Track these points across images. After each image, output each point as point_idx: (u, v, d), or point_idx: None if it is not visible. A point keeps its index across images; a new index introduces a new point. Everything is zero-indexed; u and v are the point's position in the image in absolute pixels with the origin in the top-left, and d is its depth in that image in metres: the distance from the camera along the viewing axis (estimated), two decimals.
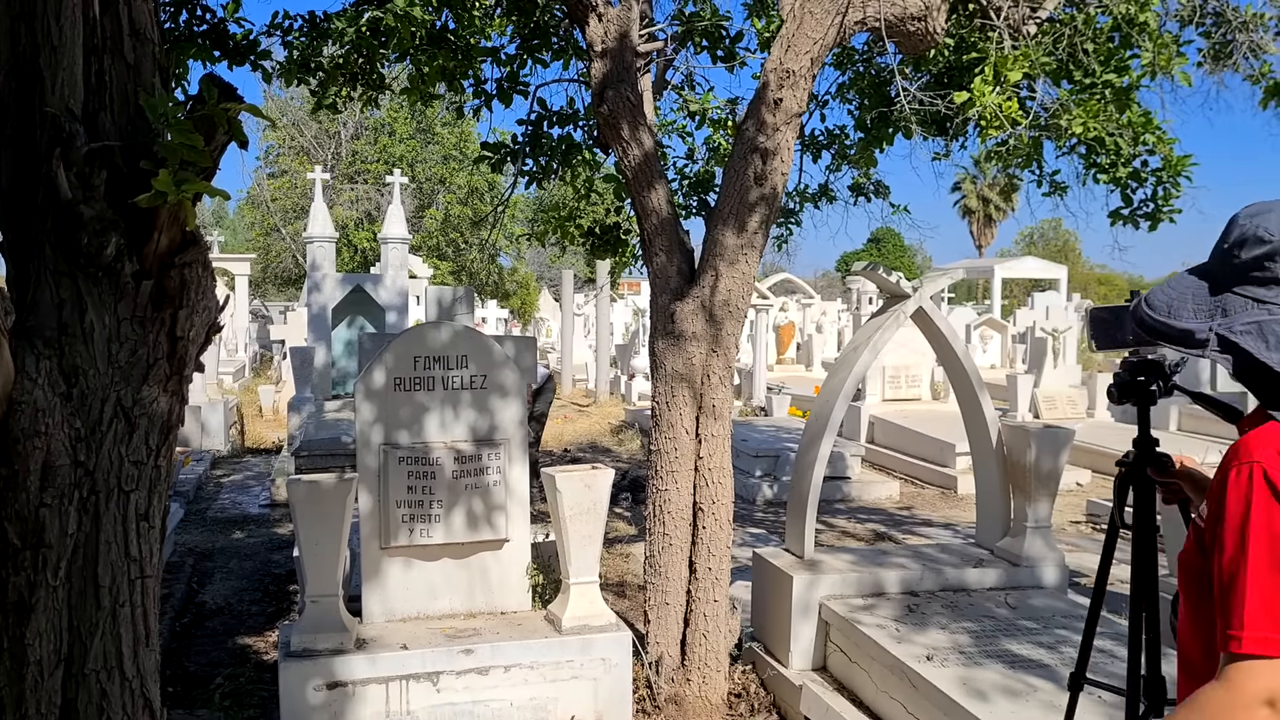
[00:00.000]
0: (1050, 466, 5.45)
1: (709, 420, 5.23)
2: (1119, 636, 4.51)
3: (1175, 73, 5.36)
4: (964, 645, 4.61)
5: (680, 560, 5.24)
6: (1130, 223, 6.11)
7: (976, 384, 5.64)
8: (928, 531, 9.38)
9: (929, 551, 5.77)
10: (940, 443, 11.98)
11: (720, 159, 7.48)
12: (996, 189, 59.90)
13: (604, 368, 20.41)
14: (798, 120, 5.30)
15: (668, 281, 5.29)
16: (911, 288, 5.50)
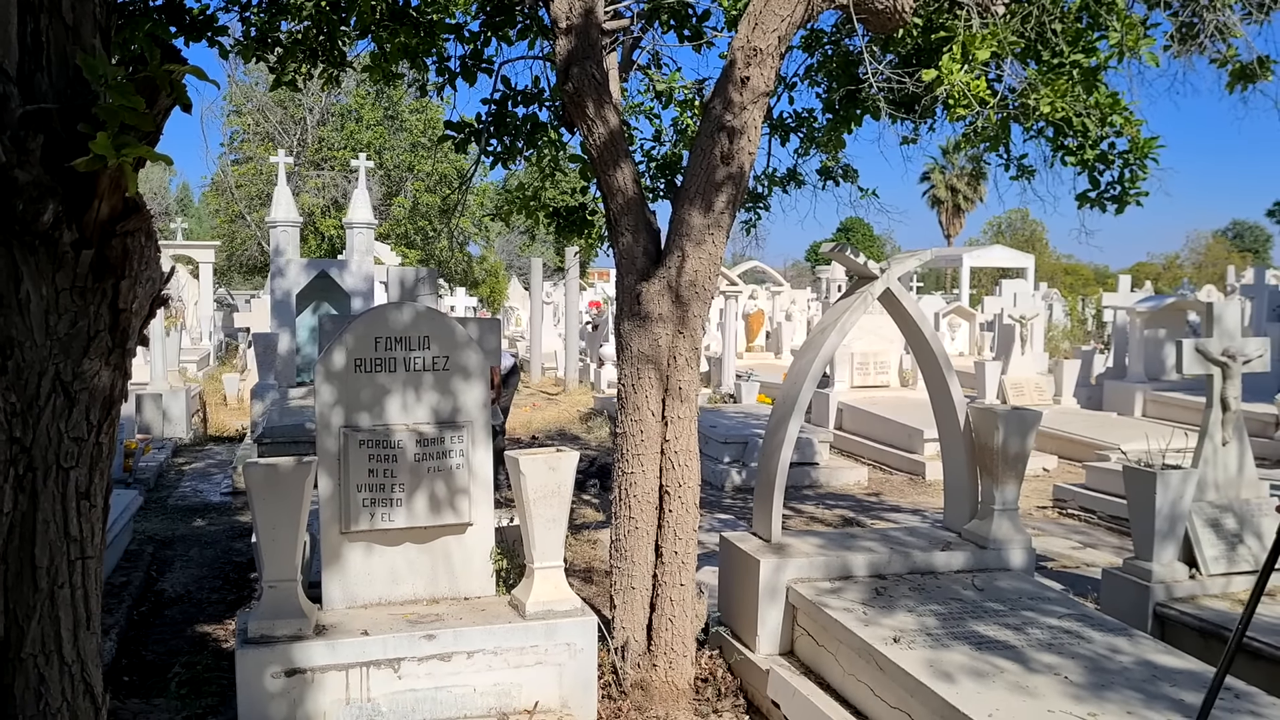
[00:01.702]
0: (1018, 449, 5.43)
1: (675, 402, 5.17)
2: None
3: (1143, 54, 5.33)
4: (931, 627, 4.58)
5: (646, 544, 5.19)
6: (1098, 205, 6.10)
7: (945, 366, 5.61)
8: (896, 517, 9.38)
9: (897, 535, 5.75)
10: (908, 429, 11.99)
11: (688, 141, 7.42)
12: (964, 179, 60.31)
13: (573, 355, 20.33)
14: (765, 99, 5.24)
15: (634, 262, 5.23)
16: (879, 269, 5.46)
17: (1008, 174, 7.16)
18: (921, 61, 5.37)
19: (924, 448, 11.82)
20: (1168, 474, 5.69)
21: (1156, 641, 4.57)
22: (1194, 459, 6.14)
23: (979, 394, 14.58)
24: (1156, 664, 4.24)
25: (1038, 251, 49.36)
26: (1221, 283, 35.42)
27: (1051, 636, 4.50)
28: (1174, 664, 4.26)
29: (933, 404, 5.84)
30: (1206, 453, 6.12)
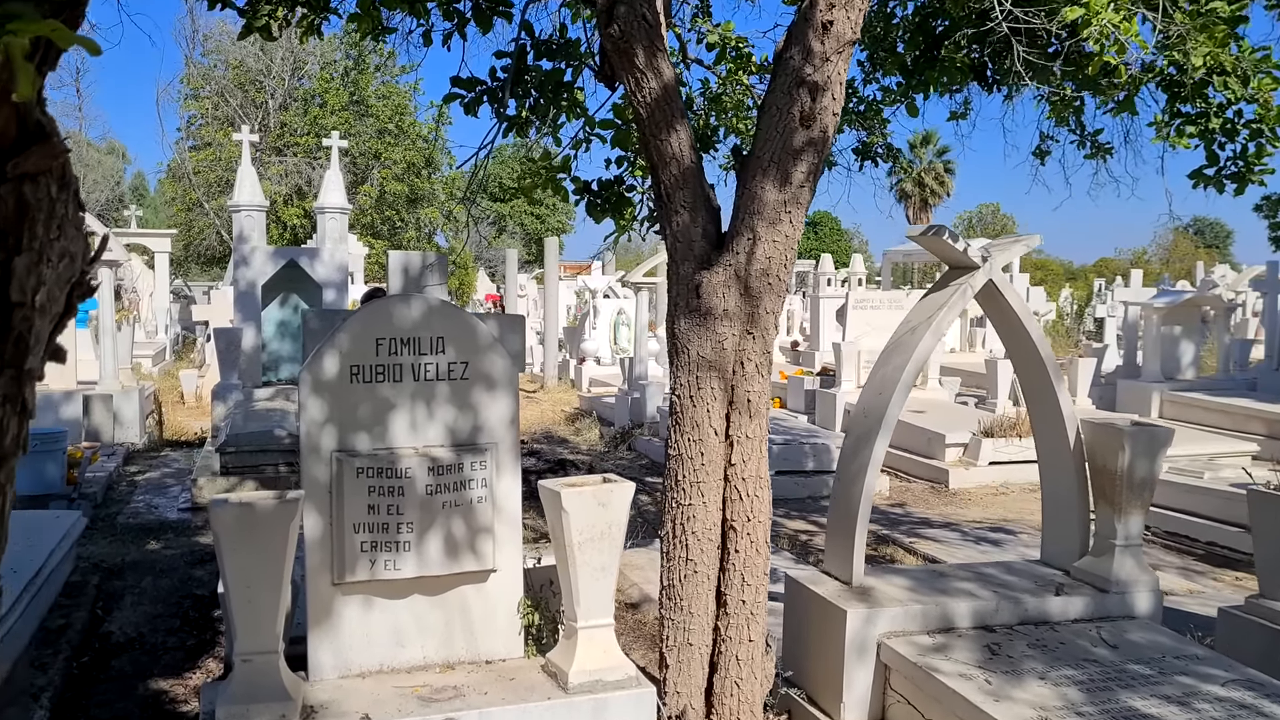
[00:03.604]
0: (1145, 472, 4.54)
1: (742, 418, 4.23)
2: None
3: None
4: (1076, 703, 3.68)
5: (706, 591, 4.24)
6: (1215, 185, 5.22)
7: (1053, 374, 4.71)
8: (932, 533, 8.50)
9: (994, 574, 4.83)
10: (928, 433, 11.13)
11: (722, 109, 6.48)
12: (933, 174, 59.77)
13: (552, 351, 19.34)
14: (850, 49, 4.30)
15: (691, 246, 4.27)
16: (980, 256, 4.54)
17: (1081, 152, 6.30)
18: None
19: (945, 453, 10.97)
20: None
21: None
22: None
23: (990, 394, 13.76)
24: None
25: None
26: (1191, 278, 35.03)
27: (1227, 714, 3.61)
28: None
29: (1032, 417, 4.94)
30: None
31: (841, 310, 17.72)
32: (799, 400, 14.15)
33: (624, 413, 13.26)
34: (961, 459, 10.97)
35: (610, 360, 18.74)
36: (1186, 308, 15.01)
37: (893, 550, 7.74)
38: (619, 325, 19.21)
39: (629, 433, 12.56)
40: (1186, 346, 14.90)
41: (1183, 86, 4.99)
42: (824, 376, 14.94)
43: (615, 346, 19.02)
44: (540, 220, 49.11)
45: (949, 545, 7.94)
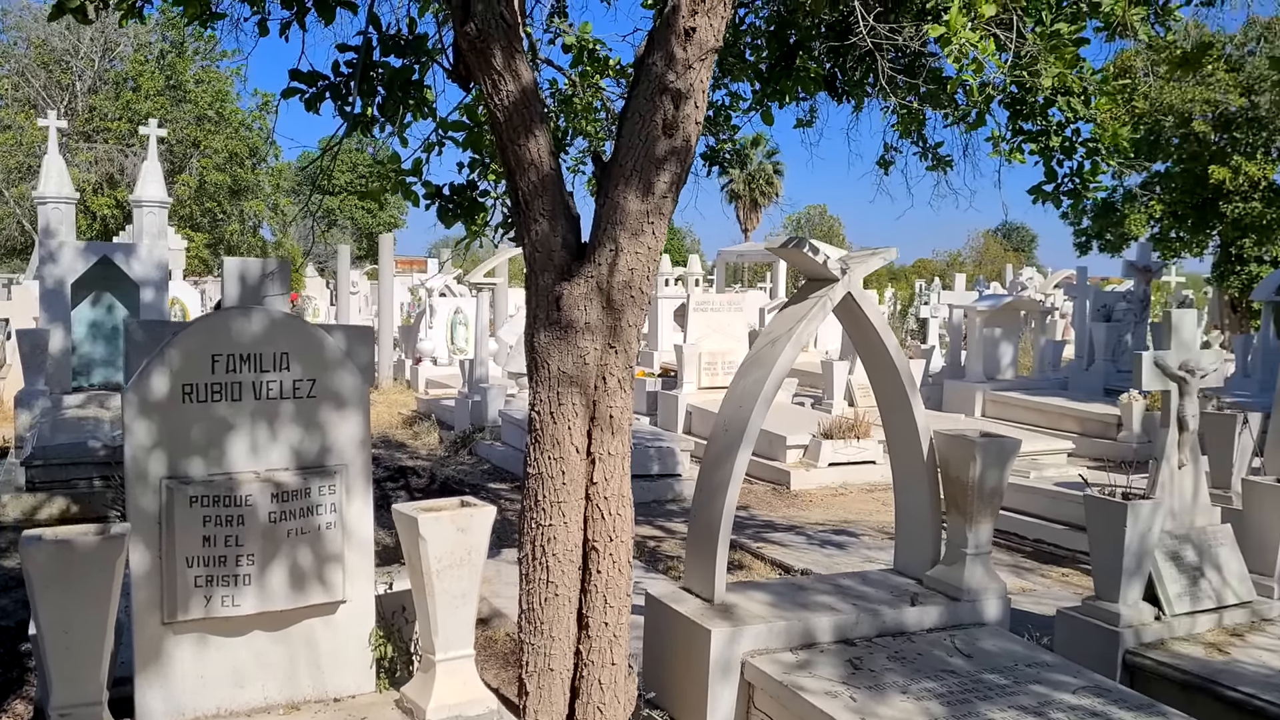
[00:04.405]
0: (995, 482, 4.65)
1: (605, 434, 4.10)
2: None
3: (1134, 24, 4.62)
4: (939, 716, 3.70)
5: (568, 614, 4.09)
6: (1053, 200, 5.41)
7: (908, 385, 4.76)
8: (778, 537, 8.58)
9: (851, 585, 4.86)
10: (770, 435, 11.25)
11: (573, 111, 6.33)
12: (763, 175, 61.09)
13: (387, 351, 18.77)
14: (713, 57, 4.22)
15: (550, 256, 4.11)
16: (840, 269, 4.55)
17: (923, 164, 6.44)
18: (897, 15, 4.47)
19: (787, 455, 11.15)
20: (1138, 505, 5.04)
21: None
22: (1150, 484, 5.54)
23: (826, 394, 14.07)
24: None
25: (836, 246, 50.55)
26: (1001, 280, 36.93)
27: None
28: None
29: (887, 428, 5.00)
30: (1163, 477, 5.54)
31: (680, 310, 17.84)
32: (640, 401, 14.14)
33: (464, 416, 12.96)
34: (802, 460, 11.16)
35: (448, 361, 18.34)
36: (1006, 311, 15.74)
37: (741, 555, 7.75)
38: (456, 325, 18.82)
39: (470, 437, 12.28)
40: (1006, 348, 15.63)
41: (1025, 104, 5.14)
42: (665, 378, 14.98)
43: (453, 347, 18.62)
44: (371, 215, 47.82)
45: (795, 549, 8.03)
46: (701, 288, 25.09)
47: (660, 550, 8.15)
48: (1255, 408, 9.74)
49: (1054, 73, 4.26)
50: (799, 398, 14.60)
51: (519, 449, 10.70)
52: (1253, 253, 22.07)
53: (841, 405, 13.62)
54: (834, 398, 13.78)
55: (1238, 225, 21.88)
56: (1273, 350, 15.25)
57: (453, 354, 18.49)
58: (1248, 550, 5.57)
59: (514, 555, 4.44)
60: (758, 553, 7.87)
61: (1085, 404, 13.56)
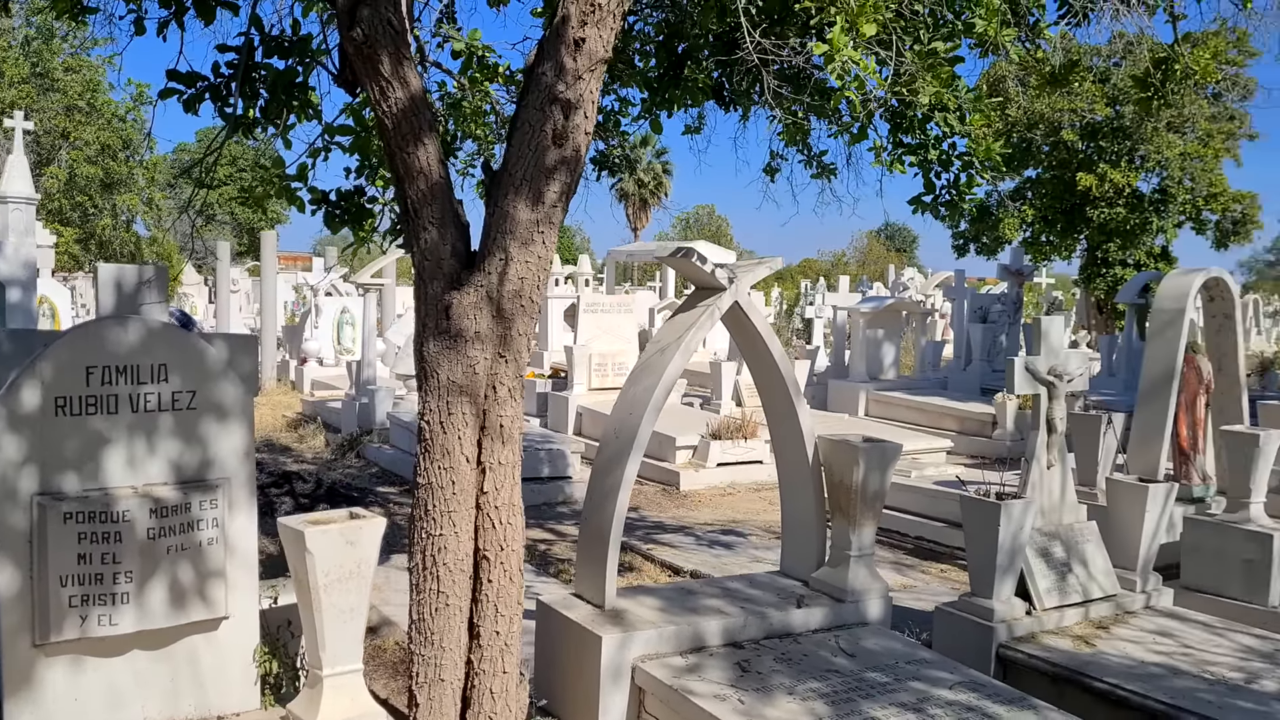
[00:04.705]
0: (877, 486, 4.79)
1: (495, 444, 4.09)
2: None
3: (1005, 44, 4.82)
4: (823, 716, 3.81)
5: (459, 624, 4.07)
6: (931, 210, 5.59)
7: (794, 391, 4.88)
8: (667, 538, 8.68)
9: (739, 588, 4.95)
10: (660, 436, 11.34)
11: (462, 116, 6.29)
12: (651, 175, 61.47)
13: (270, 351, 18.32)
14: (602, 68, 4.26)
15: (440, 264, 4.09)
16: (727, 278, 4.63)
17: (808, 172, 6.59)
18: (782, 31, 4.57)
19: (676, 456, 11.26)
20: (1011, 505, 5.26)
21: (1065, 715, 4.04)
22: (1021, 484, 5.78)
23: (714, 395, 14.25)
24: None
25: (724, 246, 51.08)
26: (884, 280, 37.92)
27: (958, 718, 3.85)
28: None
29: (773, 433, 5.11)
30: (1034, 477, 5.78)
31: (570, 310, 17.85)
32: (530, 403, 14.11)
33: (352, 418, 12.74)
34: (691, 461, 11.29)
35: (334, 362, 17.99)
36: (889, 312, 16.18)
37: (631, 557, 7.82)
38: (343, 325, 18.47)
39: (357, 439, 12.08)
40: (888, 348, 16.06)
41: (904, 119, 5.30)
42: (555, 379, 14.97)
43: (339, 347, 18.27)
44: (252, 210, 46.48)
45: (685, 550, 8.13)
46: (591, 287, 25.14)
47: (551, 553, 8.16)
48: (1119, 407, 10.24)
49: (931, 90, 4.42)
50: (688, 398, 14.77)
51: (408, 452, 10.58)
52: (1117, 256, 23.12)
53: (729, 406, 13.82)
54: (722, 398, 13.96)
55: (1103, 230, 22.89)
56: (1136, 351, 16.00)
57: (339, 355, 18.15)
58: (1112, 545, 5.86)
59: (404, 561, 4.41)
60: (648, 554, 7.95)
61: (963, 403, 14.04)
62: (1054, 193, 23.38)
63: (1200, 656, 5.05)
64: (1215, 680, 4.73)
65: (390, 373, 14.57)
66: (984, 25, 4.76)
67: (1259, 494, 6.45)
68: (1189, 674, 4.80)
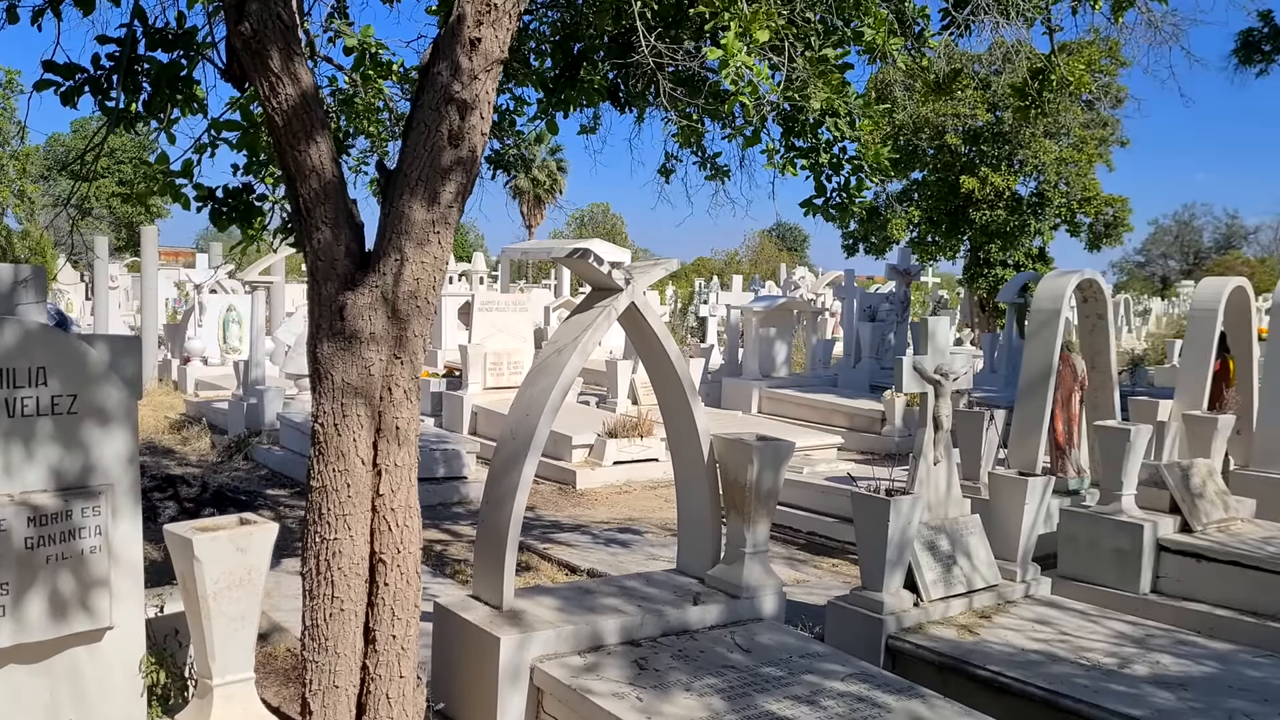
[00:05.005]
0: (771, 483, 4.89)
1: (391, 446, 4.05)
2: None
3: (892, 52, 4.96)
4: (720, 711, 3.87)
5: (354, 629, 4.02)
6: (823, 213, 5.72)
7: (689, 391, 4.94)
8: (564, 537, 8.69)
9: (636, 586, 4.99)
10: (556, 435, 11.33)
11: (355, 112, 6.19)
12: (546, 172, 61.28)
13: (151, 351, 17.72)
14: (498, 68, 4.25)
15: (334, 265, 4.03)
16: (624, 279, 4.66)
17: (703, 173, 6.68)
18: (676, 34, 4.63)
19: (572, 454, 11.27)
20: (900, 500, 5.41)
21: (949, 702, 4.18)
22: (909, 480, 5.95)
23: (611, 393, 14.32)
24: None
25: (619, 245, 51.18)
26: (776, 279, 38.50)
27: (849, 709, 3.96)
28: None
29: (669, 432, 5.16)
30: (921, 473, 5.95)
31: (464, 308, 17.70)
32: (425, 402, 13.95)
33: (239, 419, 12.42)
34: (588, 459, 11.31)
35: (220, 361, 17.51)
36: (781, 311, 16.44)
37: (528, 557, 7.81)
38: (229, 323, 17.98)
39: (246, 441, 11.78)
40: (780, 346, 16.32)
41: (797, 123, 5.41)
42: (449, 378, 14.84)
43: (225, 346, 17.79)
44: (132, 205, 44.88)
45: (582, 549, 8.15)
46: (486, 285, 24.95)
47: (447, 554, 8.10)
48: (1001, 403, 10.61)
49: (822, 96, 4.52)
50: (584, 396, 14.79)
51: (299, 453, 10.36)
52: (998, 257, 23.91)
53: (626, 404, 13.90)
54: (618, 396, 14.04)
55: (985, 231, 23.66)
56: (1016, 349, 16.58)
57: (225, 354, 17.67)
58: (994, 537, 6.08)
59: (296, 566, 4.33)
60: (545, 554, 7.95)
61: (853, 400, 14.36)
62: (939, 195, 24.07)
63: (1076, 643, 5.27)
64: (1090, 666, 4.95)
65: (280, 372, 14.23)
66: (872, 34, 4.89)
67: (1130, 486, 6.76)
68: (1066, 660, 5.01)
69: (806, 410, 14.66)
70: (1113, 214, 24.28)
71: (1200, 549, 6.56)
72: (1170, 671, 4.91)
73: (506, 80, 6.45)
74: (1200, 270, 43.65)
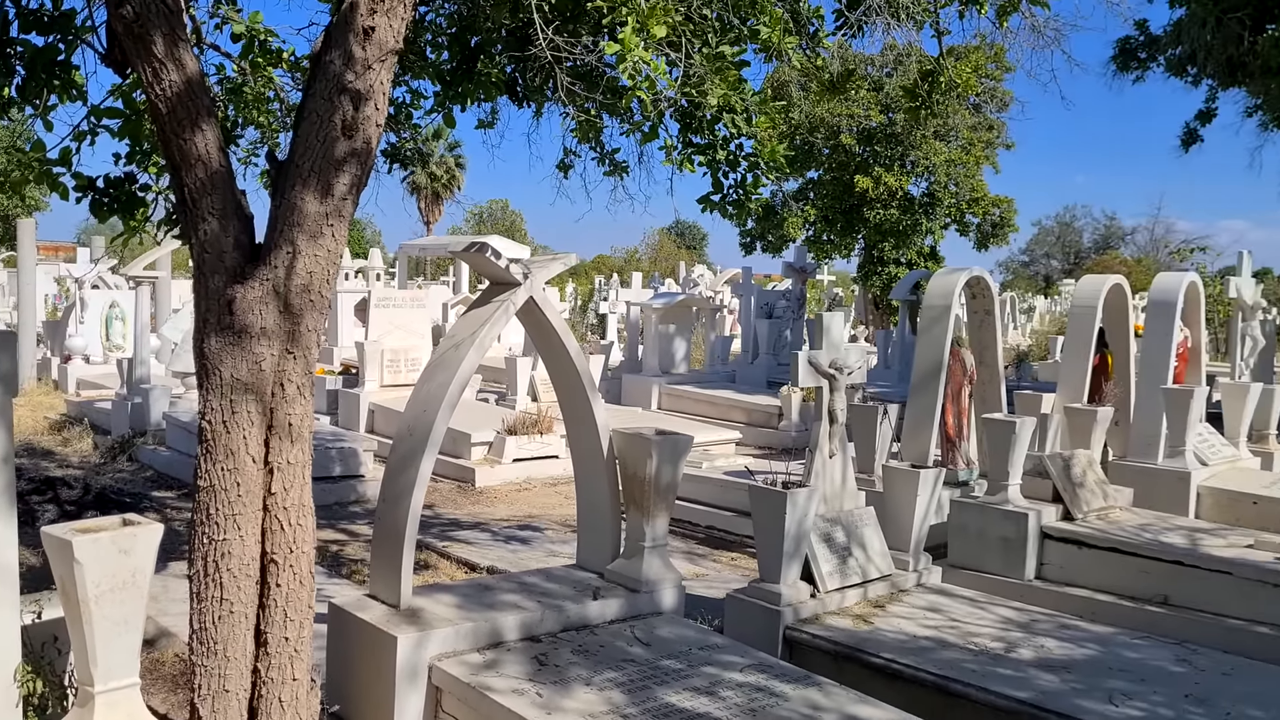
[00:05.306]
0: (670, 477, 4.91)
1: (284, 443, 3.96)
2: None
3: (787, 51, 5.03)
4: (621, 705, 3.88)
5: (244, 632, 3.92)
6: (720, 210, 5.77)
7: (589, 386, 4.93)
8: (464, 535, 8.61)
9: (536, 582, 4.97)
10: (454, 432, 11.20)
11: (243, 101, 6.03)
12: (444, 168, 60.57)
13: (29, 348, 16.98)
14: (393, 58, 4.19)
15: (221, 257, 3.92)
16: (522, 274, 4.63)
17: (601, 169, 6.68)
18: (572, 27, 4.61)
19: (472, 452, 11.17)
20: (796, 493, 5.49)
21: (845, 690, 4.26)
22: (806, 473, 6.05)
23: (510, 390, 14.23)
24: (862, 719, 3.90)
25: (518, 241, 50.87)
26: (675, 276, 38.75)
27: (748, 699, 4.00)
28: (879, 717, 3.97)
29: (569, 427, 5.15)
30: (817, 466, 6.06)
31: (361, 305, 17.38)
32: (321, 400, 13.65)
33: (123, 419, 11.99)
34: (487, 457, 11.22)
35: (102, 359, 16.87)
36: (680, 308, 16.56)
37: (427, 555, 7.71)
38: (112, 320, 17.34)
39: (130, 441, 11.38)
40: (680, 343, 16.43)
41: (694, 119, 5.45)
42: (346, 375, 14.57)
43: (108, 344, 17.15)
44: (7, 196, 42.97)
45: (482, 547, 8.09)
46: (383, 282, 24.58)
47: (344, 554, 7.95)
48: (894, 398, 10.86)
49: (719, 92, 4.56)
50: (483, 394, 14.67)
51: (186, 454, 10.05)
52: (891, 255, 24.45)
53: (525, 401, 13.82)
54: (518, 393, 13.95)
55: (879, 230, 24.16)
56: (908, 345, 16.99)
57: (108, 352, 17.03)
58: (888, 528, 6.21)
59: (183, 569, 4.20)
60: (444, 552, 7.86)
61: (751, 396, 14.54)
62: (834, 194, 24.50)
63: (965, 629, 5.43)
64: (979, 650, 5.10)
65: (166, 370, 13.80)
66: (768, 32, 4.95)
67: (1015, 477, 6.98)
68: (956, 646, 5.16)
69: (705, 406, 14.79)
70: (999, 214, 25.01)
71: (1081, 536, 6.81)
72: (1054, 654, 5.08)
73: (403, 73, 6.35)
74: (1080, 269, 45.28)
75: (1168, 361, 9.03)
